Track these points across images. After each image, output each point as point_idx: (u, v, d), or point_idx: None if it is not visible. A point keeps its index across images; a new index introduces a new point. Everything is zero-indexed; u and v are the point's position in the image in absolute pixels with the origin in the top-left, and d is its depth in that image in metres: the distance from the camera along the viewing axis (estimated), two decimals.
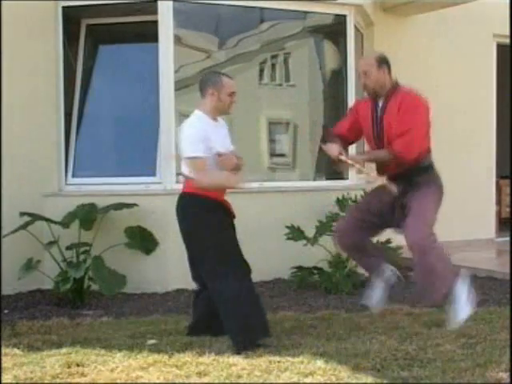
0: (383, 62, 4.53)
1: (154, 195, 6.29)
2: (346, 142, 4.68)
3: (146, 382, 3.67)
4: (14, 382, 3.68)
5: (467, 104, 8.65)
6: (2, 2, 6.05)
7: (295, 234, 6.26)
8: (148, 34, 6.54)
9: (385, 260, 4.86)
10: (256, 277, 6.27)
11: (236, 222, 6.38)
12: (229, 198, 4.72)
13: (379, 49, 8.04)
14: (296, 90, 7.58)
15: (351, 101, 7.21)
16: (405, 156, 4.41)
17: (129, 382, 3.67)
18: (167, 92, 6.36)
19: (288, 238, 6.25)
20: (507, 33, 8.06)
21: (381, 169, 4.62)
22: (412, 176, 4.55)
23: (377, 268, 4.75)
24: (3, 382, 3.68)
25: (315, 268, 6.32)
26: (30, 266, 5.66)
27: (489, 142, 8.87)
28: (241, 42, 7.08)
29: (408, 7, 7.96)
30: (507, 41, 8.50)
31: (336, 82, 7.60)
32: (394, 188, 4.43)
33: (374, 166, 4.70)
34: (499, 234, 8.98)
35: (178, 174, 6.43)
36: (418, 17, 8.25)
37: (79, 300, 5.67)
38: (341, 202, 6.52)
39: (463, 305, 4.34)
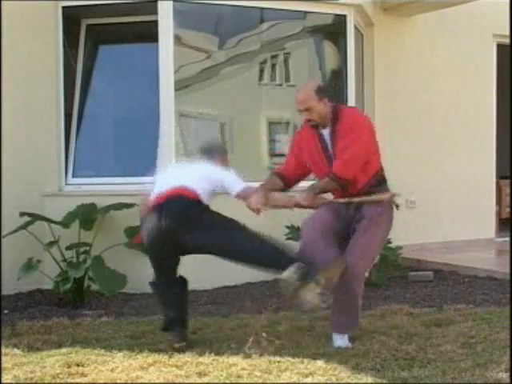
0: (321, 92, 4.34)
1: None
2: (292, 182, 4.58)
3: (146, 382, 3.67)
4: (13, 381, 3.68)
5: (467, 104, 8.65)
6: (2, 2, 6.05)
7: (295, 233, 6.25)
8: (148, 34, 6.54)
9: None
10: (256, 277, 6.31)
11: None
12: (225, 198, 4.74)
13: (379, 49, 8.08)
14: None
15: (351, 100, 7.23)
16: (342, 175, 4.23)
17: (129, 382, 3.67)
18: (167, 92, 6.36)
19: (288, 238, 6.24)
20: (507, 33, 8.06)
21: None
22: (361, 202, 4.37)
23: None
24: (3, 381, 3.68)
25: None
26: (30, 266, 5.65)
27: (489, 141, 8.86)
28: (241, 42, 7.08)
29: (408, 7, 7.96)
30: (507, 41, 8.50)
31: (336, 81, 7.60)
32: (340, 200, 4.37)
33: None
34: (499, 234, 8.98)
35: None
36: (418, 17, 8.25)
37: (79, 300, 5.68)
38: None
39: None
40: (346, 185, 4.29)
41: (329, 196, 4.51)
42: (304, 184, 4.59)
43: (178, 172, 4.60)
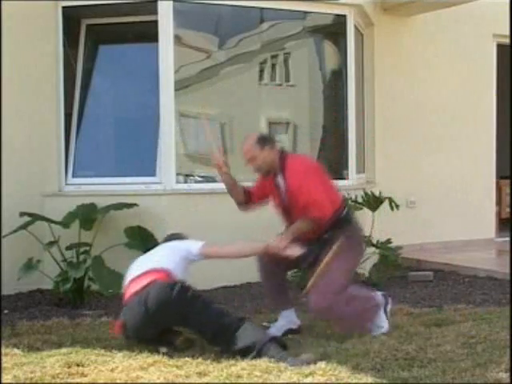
0: (264, 141, 4.54)
1: (154, 195, 6.29)
2: (252, 202, 4.80)
3: (146, 382, 3.67)
4: (13, 381, 3.68)
5: (467, 104, 8.66)
6: (2, 2, 6.05)
7: None
8: (148, 33, 6.54)
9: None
10: (256, 277, 6.29)
11: (236, 221, 6.41)
12: (225, 198, 4.76)
13: (379, 49, 8.08)
14: (296, 90, 7.59)
15: (351, 101, 7.23)
16: (322, 218, 4.41)
17: (129, 382, 3.67)
18: (167, 92, 6.36)
19: None
20: (507, 33, 8.06)
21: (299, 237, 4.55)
22: (326, 232, 4.51)
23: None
24: (3, 382, 3.68)
25: None
26: (30, 266, 5.65)
27: (489, 141, 8.87)
28: (241, 41, 7.08)
29: (408, 7, 7.96)
30: (507, 41, 8.50)
31: (336, 82, 7.60)
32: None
33: None
34: (499, 234, 8.98)
35: (178, 174, 6.46)
36: (418, 17, 8.25)
37: (79, 300, 5.68)
38: None
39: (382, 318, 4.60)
40: (321, 223, 4.44)
41: None
42: None
43: (146, 258, 4.58)
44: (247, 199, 4.75)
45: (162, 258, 4.45)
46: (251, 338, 3.99)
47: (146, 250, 5.66)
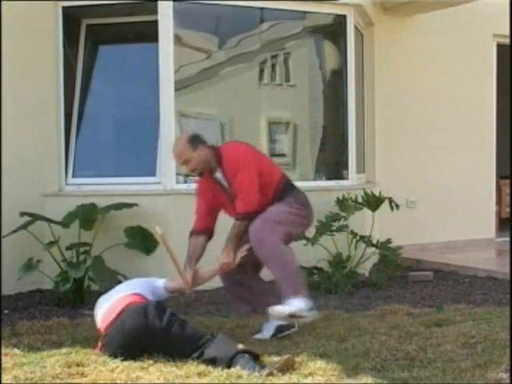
0: (194, 141, 4.43)
1: (154, 195, 6.29)
2: (213, 228, 4.65)
3: (146, 382, 3.67)
4: (13, 382, 3.68)
5: (468, 104, 8.65)
6: (2, 2, 6.05)
7: None
8: (148, 33, 6.55)
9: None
10: None
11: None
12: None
13: (379, 49, 8.08)
14: (296, 90, 7.59)
15: (351, 101, 7.23)
16: (247, 211, 4.36)
17: (129, 382, 3.67)
18: (167, 92, 6.36)
19: None
20: (507, 33, 8.06)
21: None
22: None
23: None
24: (3, 382, 3.68)
25: (315, 268, 6.32)
26: (30, 266, 5.65)
27: (489, 141, 8.87)
28: (241, 42, 7.08)
29: (408, 7, 7.95)
30: (507, 41, 8.50)
31: (336, 81, 7.60)
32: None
33: None
34: (499, 234, 8.98)
35: (178, 174, 6.46)
36: (418, 17, 8.25)
37: (79, 300, 5.67)
38: (341, 202, 6.51)
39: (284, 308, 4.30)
40: (253, 217, 4.36)
41: None
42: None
43: (114, 291, 4.49)
44: (209, 235, 4.62)
45: (129, 287, 4.42)
46: (222, 349, 3.94)
47: (146, 250, 5.61)
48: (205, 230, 4.61)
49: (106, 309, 4.29)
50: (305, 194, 4.65)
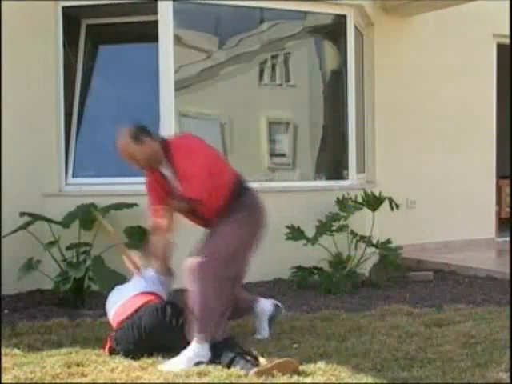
0: (138, 135, 4.14)
1: None
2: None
3: (146, 381, 3.67)
4: (14, 381, 3.68)
5: (467, 104, 8.66)
6: (2, 2, 6.05)
7: (295, 233, 6.26)
8: (148, 33, 6.54)
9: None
10: (256, 277, 6.31)
11: None
12: None
13: (379, 49, 8.08)
14: (296, 90, 7.59)
15: (351, 101, 7.23)
16: (191, 197, 4.01)
17: (129, 381, 3.67)
18: (167, 92, 6.37)
19: (288, 238, 6.24)
20: (507, 33, 8.06)
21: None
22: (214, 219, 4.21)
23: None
24: (3, 382, 3.68)
25: (315, 268, 6.32)
26: (30, 266, 5.65)
27: (489, 141, 8.87)
28: (241, 42, 7.08)
29: (408, 7, 7.96)
30: (507, 41, 8.50)
31: (336, 82, 7.60)
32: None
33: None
34: (499, 234, 8.98)
35: None
36: (418, 17, 8.25)
37: (79, 300, 5.67)
38: (341, 202, 6.51)
39: (181, 360, 3.96)
40: (194, 206, 4.08)
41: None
42: None
43: (127, 287, 4.50)
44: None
45: (141, 286, 4.39)
46: (224, 350, 3.97)
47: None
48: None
49: (121, 305, 4.31)
50: (255, 195, 4.37)
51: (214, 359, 3.93)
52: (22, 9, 6.23)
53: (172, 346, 4.09)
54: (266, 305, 4.64)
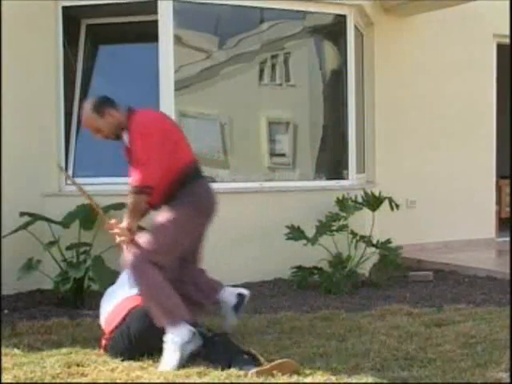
0: (100, 106, 4.18)
1: None
2: None
3: (146, 381, 3.67)
4: (14, 381, 3.69)
5: (468, 104, 8.66)
6: (2, 2, 6.05)
7: (295, 233, 6.26)
8: (148, 33, 6.55)
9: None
10: (256, 276, 6.32)
11: (236, 221, 6.42)
12: (225, 198, 4.73)
13: (379, 48, 8.08)
14: (296, 90, 7.59)
15: (351, 100, 7.24)
16: (143, 184, 4.06)
17: (129, 381, 3.67)
18: (167, 91, 6.37)
19: (288, 238, 6.25)
20: (507, 33, 8.06)
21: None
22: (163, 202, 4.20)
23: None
24: (3, 381, 3.68)
25: (315, 268, 6.32)
26: (30, 266, 5.65)
27: (489, 142, 8.87)
28: (241, 41, 7.08)
29: (408, 7, 7.96)
30: (507, 41, 8.51)
31: (336, 81, 7.60)
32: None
33: None
34: (499, 234, 8.98)
35: None
36: (417, 16, 8.25)
37: (79, 300, 5.67)
38: (341, 202, 6.51)
39: (169, 354, 3.96)
40: (150, 192, 4.09)
41: None
42: None
43: (115, 289, 4.51)
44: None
45: (127, 289, 4.38)
46: (222, 350, 3.99)
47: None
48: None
49: (110, 312, 4.31)
50: (206, 185, 4.33)
51: (214, 359, 3.93)
52: (23, 9, 6.23)
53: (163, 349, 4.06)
54: (228, 295, 4.59)
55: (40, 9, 6.37)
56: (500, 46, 8.92)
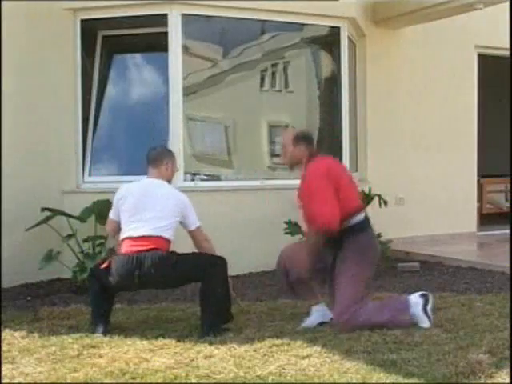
0: (301, 139, 4.39)
1: None
2: None
3: (157, 363, 3.69)
4: (36, 362, 3.71)
5: (451, 109, 8.65)
6: (25, 16, 6.06)
7: (292, 228, 6.26)
8: (159, 44, 6.56)
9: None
10: (258, 268, 6.32)
11: (238, 217, 6.43)
12: (229, 195, 4.72)
13: (371, 58, 8.08)
14: (294, 96, 7.60)
15: (345, 105, 7.25)
16: (316, 225, 4.19)
17: (141, 362, 3.68)
18: (176, 97, 6.39)
19: (286, 233, 6.25)
20: (488, 44, 8.06)
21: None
22: (338, 239, 4.26)
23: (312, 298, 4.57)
24: (3, 382, 3.70)
25: None
26: (50, 256, 5.67)
27: (471, 144, 8.87)
28: (244, 51, 7.09)
29: (396, 20, 7.96)
30: (488, 51, 8.51)
31: (331, 88, 7.61)
32: None
33: None
34: (480, 228, 9.01)
35: (186, 172, 6.47)
36: (406, 29, 8.25)
37: None
38: None
39: (422, 318, 4.29)
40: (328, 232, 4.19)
41: None
42: None
43: (151, 202, 4.49)
44: None
45: (169, 215, 4.42)
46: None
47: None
48: None
49: (135, 237, 4.36)
50: (373, 233, 4.60)
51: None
52: (43, 22, 6.25)
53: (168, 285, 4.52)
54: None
55: (60, 21, 6.38)
56: (481, 56, 8.93)
